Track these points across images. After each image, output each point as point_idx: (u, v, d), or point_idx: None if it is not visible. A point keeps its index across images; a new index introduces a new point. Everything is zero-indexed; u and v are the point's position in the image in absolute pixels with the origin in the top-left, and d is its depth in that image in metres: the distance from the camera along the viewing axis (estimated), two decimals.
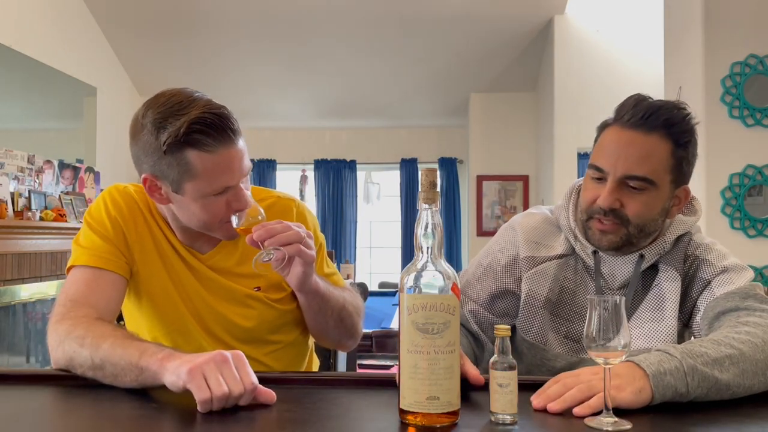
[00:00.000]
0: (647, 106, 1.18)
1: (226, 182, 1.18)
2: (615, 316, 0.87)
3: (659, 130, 1.17)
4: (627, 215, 1.18)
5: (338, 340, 1.39)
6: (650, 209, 1.19)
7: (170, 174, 1.17)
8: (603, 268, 1.27)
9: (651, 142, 1.17)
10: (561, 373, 0.99)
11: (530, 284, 1.29)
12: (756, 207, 3.15)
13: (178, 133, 1.12)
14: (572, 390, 0.92)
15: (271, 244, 1.13)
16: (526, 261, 1.31)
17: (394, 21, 5.65)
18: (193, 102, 1.15)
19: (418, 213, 0.88)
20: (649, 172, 1.16)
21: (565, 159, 5.58)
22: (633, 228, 1.19)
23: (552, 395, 0.93)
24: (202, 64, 6.22)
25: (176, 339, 1.30)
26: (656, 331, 1.22)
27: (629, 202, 1.18)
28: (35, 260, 4.38)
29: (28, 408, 1.00)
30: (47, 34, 5.02)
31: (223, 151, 1.16)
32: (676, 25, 3.58)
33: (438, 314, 0.83)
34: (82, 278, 1.23)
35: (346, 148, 7.79)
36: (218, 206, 1.20)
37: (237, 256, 1.33)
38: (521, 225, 1.36)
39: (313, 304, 1.28)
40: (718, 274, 1.22)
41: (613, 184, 1.18)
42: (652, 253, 1.24)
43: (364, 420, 0.95)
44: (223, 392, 0.89)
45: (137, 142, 1.19)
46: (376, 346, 3.98)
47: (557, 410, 0.90)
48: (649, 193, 1.18)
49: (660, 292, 1.24)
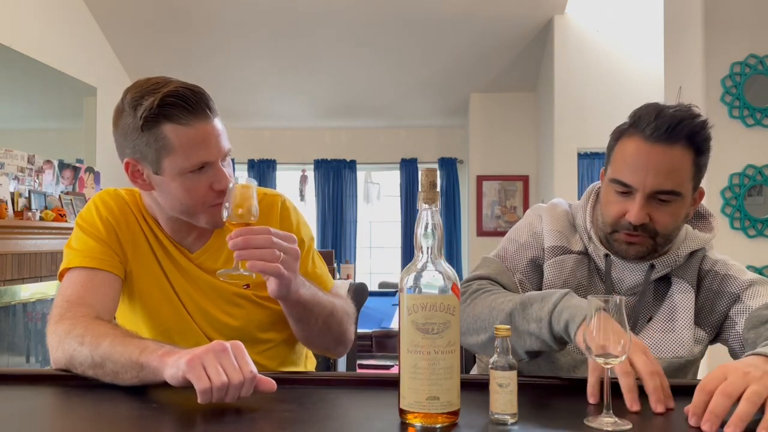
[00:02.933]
0: (670, 118, 1.17)
1: (203, 157, 1.19)
2: (616, 316, 0.87)
3: (682, 141, 1.17)
4: (656, 228, 1.20)
5: (325, 347, 1.36)
6: (676, 219, 1.21)
7: (149, 153, 1.19)
8: (613, 273, 1.28)
9: (675, 154, 1.17)
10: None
11: (549, 272, 1.31)
12: (756, 207, 3.15)
13: (152, 106, 1.15)
14: (743, 405, 0.84)
15: (241, 257, 1.09)
16: (549, 250, 1.32)
17: (394, 21, 5.65)
18: (169, 81, 1.19)
19: (418, 213, 0.88)
20: (676, 186, 1.18)
21: (565, 159, 5.58)
22: (660, 238, 1.21)
23: (718, 411, 0.85)
24: (202, 64, 6.21)
25: (172, 338, 1.30)
26: (666, 341, 1.24)
27: (658, 216, 1.20)
28: (35, 260, 4.38)
29: (28, 408, 1.00)
30: (47, 34, 5.02)
31: (198, 125, 1.17)
32: (676, 25, 3.58)
33: (438, 314, 0.83)
34: (77, 279, 1.23)
35: (346, 148, 7.79)
36: (199, 186, 1.20)
37: (225, 255, 1.32)
38: (548, 213, 1.37)
39: (293, 312, 1.25)
40: (746, 288, 1.25)
41: (642, 200, 1.18)
42: (662, 265, 1.26)
43: (364, 420, 0.94)
44: (222, 382, 0.89)
45: (118, 127, 1.22)
46: (376, 346, 3.98)
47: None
48: (675, 204, 1.20)
49: (672, 304, 1.26)
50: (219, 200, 1.23)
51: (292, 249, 1.14)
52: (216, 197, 1.23)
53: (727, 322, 1.26)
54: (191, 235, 1.32)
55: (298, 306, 1.23)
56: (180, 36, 5.89)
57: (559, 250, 1.32)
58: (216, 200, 1.23)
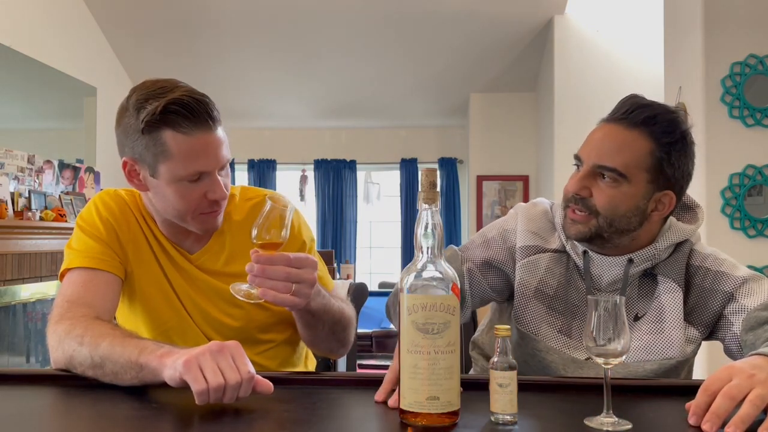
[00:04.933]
0: (633, 102, 1.20)
1: (200, 167, 1.19)
2: (615, 316, 0.87)
3: (640, 126, 1.18)
4: (595, 206, 1.19)
5: (329, 350, 1.38)
6: (619, 204, 1.19)
7: (147, 156, 1.19)
8: (592, 269, 1.27)
9: (630, 136, 1.18)
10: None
11: (522, 273, 1.30)
12: (756, 207, 3.14)
13: (155, 112, 1.15)
14: (746, 407, 0.84)
15: (254, 284, 1.11)
16: (521, 250, 1.32)
17: (394, 21, 5.65)
18: (176, 87, 1.19)
19: (418, 213, 0.88)
20: (620, 165, 1.17)
21: (565, 159, 5.56)
22: (602, 220, 1.20)
23: (721, 412, 0.85)
24: (202, 65, 6.21)
25: (172, 338, 1.31)
26: (656, 343, 1.23)
27: (598, 193, 1.19)
28: (35, 260, 4.38)
29: (28, 408, 1.00)
30: (47, 34, 5.02)
31: (199, 134, 1.17)
32: (676, 25, 3.58)
33: (438, 314, 0.83)
34: (78, 280, 1.23)
35: (346, 148, 7.79)
36: (193, 194, 1.21)
37: (225, 256, 1.33)
38: (524, 213, 1.37)
39: (302, 320, 1.26)
40: (740, 286, 1.23)
41: (584, 172, 1.20)
42: (641, 258, 1.24)
43: (364, 420, 0.94)
44: (218, 383, 0.89)
45: (120, 125, 1.22)
46: (376, 346, 3.98)
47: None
48: (619, 187, 1.18)
49: (660, 305, 1.25)
50: (211, 209, 1.25)
51: (309, 278, 1.13)
52: (209, 206, 1.24)
53: (722, 322, 1.25)
54: (191, 236, 1.33)
55: (307, 315, 1.23)
56: (180, 36, 5.89)
57: (533, 249, 1.31)
58: (208, 209, 1.24)
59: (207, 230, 1.29)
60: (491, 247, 1.35)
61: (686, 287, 1.26)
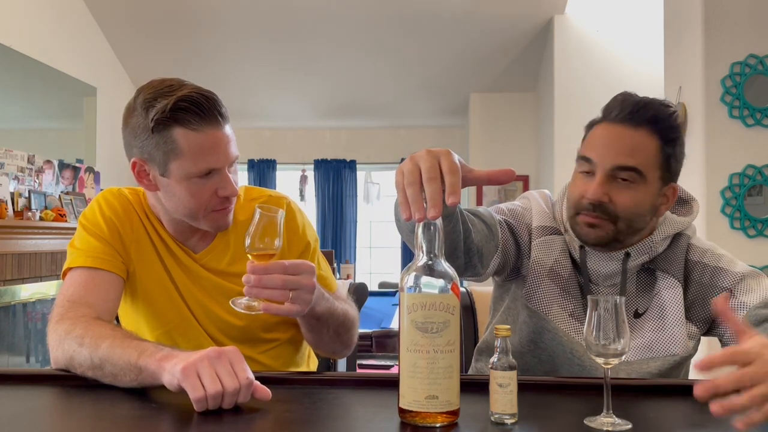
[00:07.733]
0: (634, 102, 1.20)
1: (211, 164, 1.19)
2: (615, 316, 0.87)
3: (646, 125, 1.19)
4: (615, 210, 1.19)
5: (332, 351, 1.37)
6: (639, 204, 1.19)
7: (157, 155, 1.18)
8: (588, 264, 1.27)
9: (639, 136, 1.18)
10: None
11: (537, 252, 1.30)
12: (756, 207, 3.14)
13: (165, 109, 1.15)
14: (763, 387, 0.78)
15: (251, 295, 1.09)
16: (537, 230, 1.32)
17: (394, 21, 5.65)
18: (183, 85, 1.19)
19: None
20: (638, 164, 1.17)
21: (565, 159, 5.57)
22: (622, 224, 1.20)
23: (720, 391, 0.80)
24: (202, 64, 6.21)
25: (174, 338, 1.30)
26: (659, 340, 1.23)
27: (618, 197, 1.19)
28: (35, 260, 4.38)
29: (28, 408, 1.00)
30: (47, 34, 5.02)
31: (208, 131, 1.18)
32: (675, 26, 3.58)
33: (438, 314, 0.83)
34: (79, 279, 1.23)
35: (345, 148, 7.79)
36: (204, 191, 1.21)
37: (229, 255, 1.33)
38: (538, 197, 1.38)
39: (306, 323, 1.26)
40: (739, 283, 1.24)
41: (602, 176, 1.19)
42: (638, 252, 1.24)
43: (364, 420, 0.94)
44: (216, 390, 0.89)
45: (128, 125, 1.22)
46: (376, 346, 3.98)
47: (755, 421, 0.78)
48: (637, 187, 1.18)
49: (660, 302, 1.25)
50: (222, 206, 1.25)
51: (307, 283, 1.12)
52: (220, 203, 1.24)
53: (720, 318, 1.25)
54: (195, 235, 1.33)
55: (312, 320, 1.23)
56: (180, 36, 5.89)
57: (549, 230, 1.31)
58: (219, 206, 1.24)
59: (219, 228, 1.29)
60: (518, 216, 1.34)
61: (685, 283, 1.26)
